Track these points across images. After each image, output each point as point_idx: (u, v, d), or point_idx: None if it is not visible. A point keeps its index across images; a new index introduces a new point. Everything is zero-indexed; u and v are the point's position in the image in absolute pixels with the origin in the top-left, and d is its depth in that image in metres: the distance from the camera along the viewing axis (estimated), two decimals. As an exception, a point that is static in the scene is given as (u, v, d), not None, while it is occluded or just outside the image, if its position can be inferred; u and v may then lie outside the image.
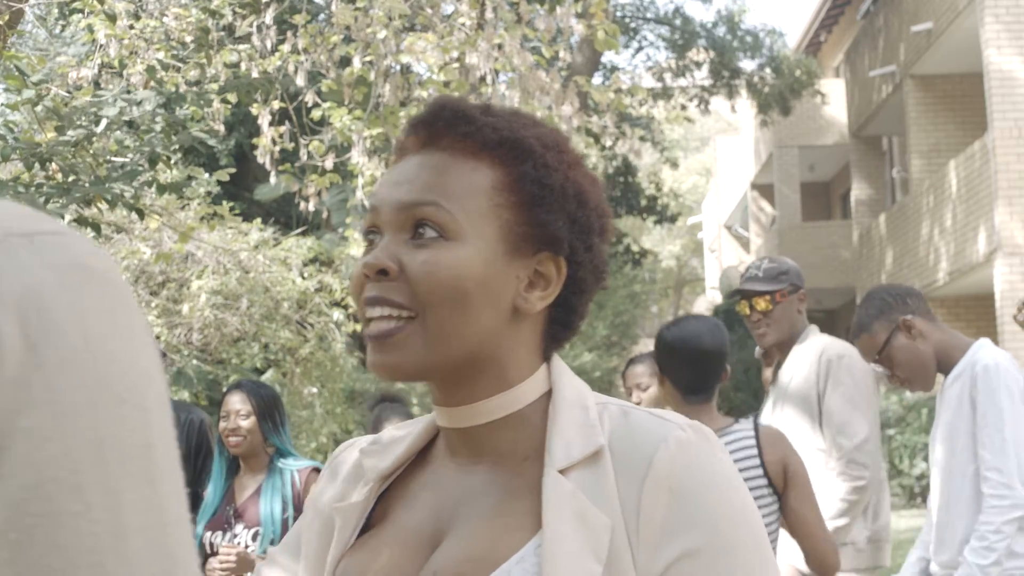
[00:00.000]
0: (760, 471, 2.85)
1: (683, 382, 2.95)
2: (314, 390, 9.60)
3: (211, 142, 6.13)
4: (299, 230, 10.70)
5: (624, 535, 1.02)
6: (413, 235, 1.09)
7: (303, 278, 8.89)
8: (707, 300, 31.52)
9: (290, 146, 6.85)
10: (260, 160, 6.82)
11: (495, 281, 1.09)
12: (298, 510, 3.91)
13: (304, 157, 6.86)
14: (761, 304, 3.81)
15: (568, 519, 1.02)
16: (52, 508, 0.62)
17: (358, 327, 9.30)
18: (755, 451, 2.85)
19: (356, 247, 7.23)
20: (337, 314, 8.93)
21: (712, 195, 31.85)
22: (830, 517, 3.66)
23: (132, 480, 0.64)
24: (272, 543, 3.81)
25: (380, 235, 1.12)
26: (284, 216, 14.44)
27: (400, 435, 1.21)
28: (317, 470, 3.98)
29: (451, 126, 1.12)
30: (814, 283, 20.93)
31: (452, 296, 1.06)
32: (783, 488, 2.87)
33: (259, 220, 9.56)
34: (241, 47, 6.39)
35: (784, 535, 3.16)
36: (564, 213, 1.12)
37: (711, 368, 2.93)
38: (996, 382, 3.10)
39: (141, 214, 4.71)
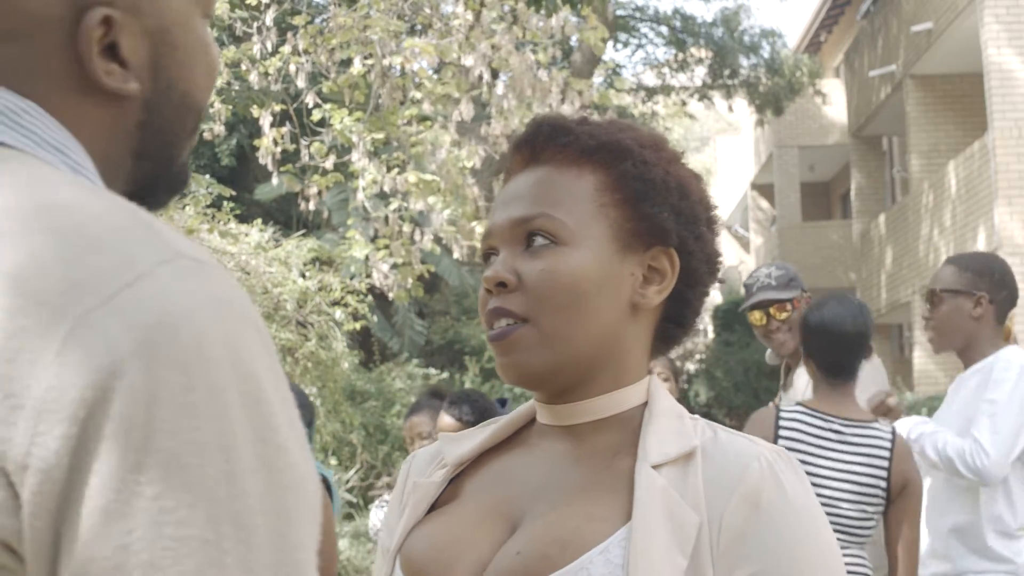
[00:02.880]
0: (884, 474, 2.95)
1: (826, 364, 3.06)
2: (314, 390, 9.59)
3: (207, 135, 6.15)
4: (299, 232, 10.70)
5: (707, 537, 1.04)
6: (527, 246, 1.13)
7: (303, 277, 8.89)
8: (707, 299, 31.51)
9: (291, 147, 6.85)
10: (262, 161, 6.82)
11: (611, 280, 1.12)
12: None
13: (305, 158, 6.86)
14: (779, 313, 3.82)
15: (658, 512, 1.04)
16: (185, 534, 0.61)
17: (357, 326, 9.30)
18: (887, 454, 2.96)
19: (357, 248, 7.23)
20: (338, 313, 8.93)
21: (712, 195, 31.82)
22: None
23: (265, 518, 0.64)
24: None
25: (496, 255, 1.16)
26: (284, 216, 14.43)
27: (484, 428, 1.24)
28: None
29: (550, 139, 1.16)
30: (814, 283, 20.91)
31: (570, 298, 1.10)
32: (895, 498, 2.99)
33: (259, 220, 9.56)
34: (243, 48, 6.40)
35: None
36: (668, 205, 1.15)
37: (853, 350, 3.05)
38: (1009, 377, 3.13)
39: None
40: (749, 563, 1.03)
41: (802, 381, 3.88)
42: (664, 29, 19.21)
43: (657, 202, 1.14)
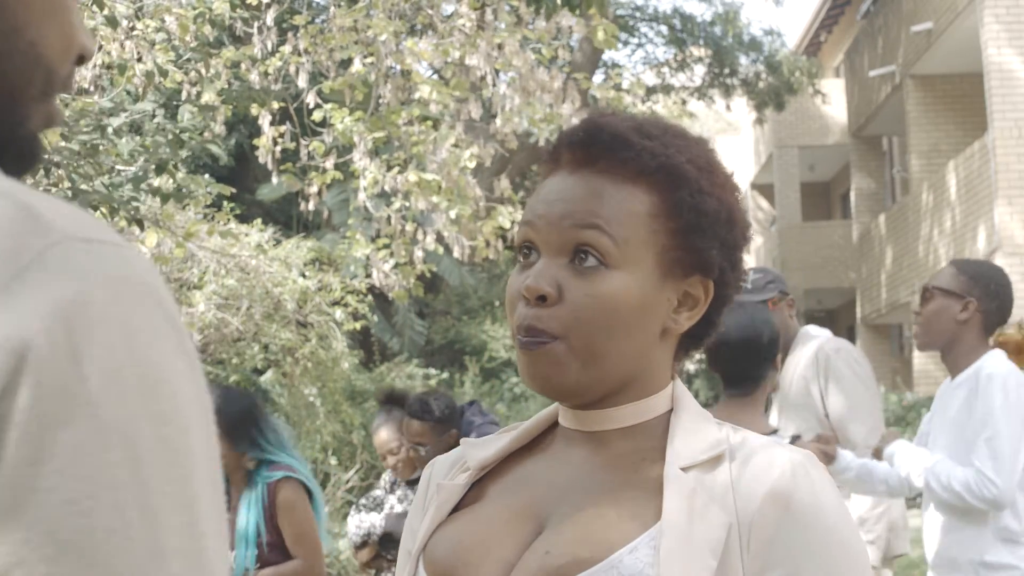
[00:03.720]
0: None
1: (721, 374, 2.94)
2: (314, 390, 9.59)
3: (214, 149, 6.15)
4: (300, 234, 10.70)
5: (737, 538, 1.04)
6: (572, 259, 1.10)
7: (304, 277, 8.89)
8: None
9: (291, 146, 6.84)
10: (261, 160, 6.82)
11: (649, 307, 1.11)
12: (269, 522, 3.73)
13: (305, 158, 6.86)
14: None
15: (688, 513, 1.04)
16: (90, 524, 0.60)
17: (357, 326, 9.30)
18: None
19: (359, 248, 7.23)
20: (338, 313, 8.93)
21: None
22: (866, 510, 3.68)
23: (171, 502, 0.62)
24: (250, 556, 3.68)
25: (535, 251, 1.13)
26: (284, 216, 14.43)
27: (506, 433, 1.23)
28: (289, 479, 3.80)
29: (610, 149, 1.12)
30: (814, 283, 20.93)
31: (608, 322, 1.09)
32: None
33: (259, 220, 9.56)
34: (243, 50, 6.40)
35: None
36: (717, 238, 1.13)
37: (743, 360, 2.87)
38: (994, 391, 3.12)
39: (141, 225, 4.72)
40: (779, 566, 1.03)
41: (787, 380, 3.88)
42: (664, 28, 19.22)
43: (707, 236, 1.13)
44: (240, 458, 3.79)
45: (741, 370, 2.90)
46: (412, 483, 4.50)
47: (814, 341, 3.88)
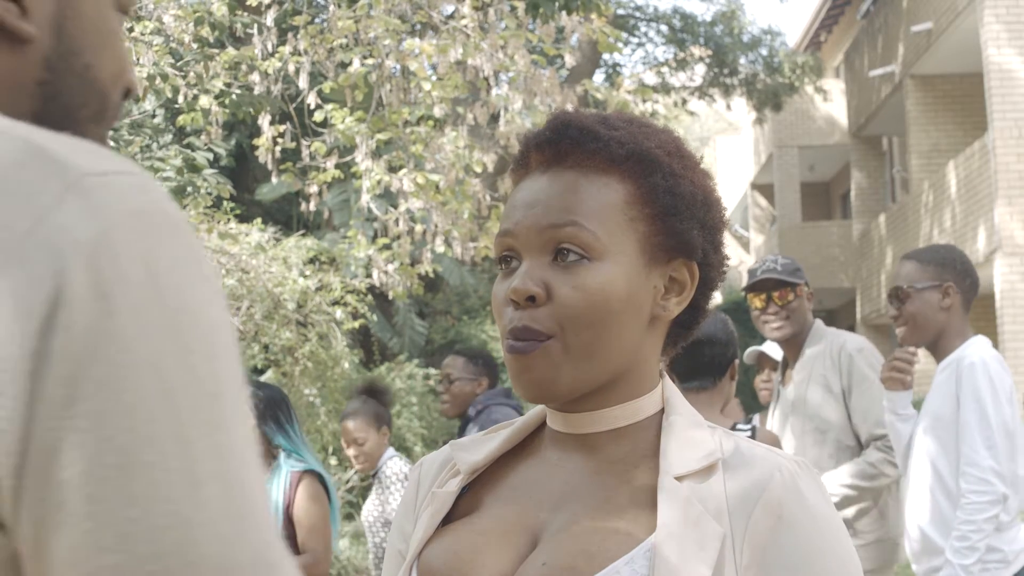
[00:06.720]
0: None
1: (676, 369, 2.96)
2: (314, 390, 9.59)
3: (204, 138, 6.16)
4: (299, 232, 10.70)
5: (731, 548, 1.04)
6: (555, 257, 1.10)
7: (304, 277, 8.89)
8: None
9: (291, 145, 6.85)
10: (261, 160, 6.82)
11: (637, 295, 1.11)
12: (284, 513, 3.75)
13: (306, 159, 6.86)
14: (779, 297, 3.81)
15: (682, 524, 1.04)
16: (126, 460, 0.61)
17: (357, 325, 9.30)
18: None
19: (359, 248, 7.24)
20: (338, 312, 8.94)
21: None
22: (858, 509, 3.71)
23: (203, 428, 0.63)
24: None
25: (517, 258, 1.13)
26: (284, 216, 14.44)
27: (494, 433, 1.22)
28: (311, 472, 3.84)
29: (577, 143, 1.12)
30: (814, 283, 20.89)
31: (599, 316, 1.08)
32: None
33: (259, 220, 9.56)
34: (243, 51, 6.40)
35: None
36: (696, 220, 1.14)
37: (701, 356, 2.91)
38: (979, 379, 3.14)
39: None
40: (772, 575, 1.04)
41: (801, 377, 3.87)
42: (664, 28, 19.22)
43: (686, 217, 1.13)
44: (269, 445, 3.83)
45: (701, 367, 2.94)
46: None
47: (830, 338, 3.88)
